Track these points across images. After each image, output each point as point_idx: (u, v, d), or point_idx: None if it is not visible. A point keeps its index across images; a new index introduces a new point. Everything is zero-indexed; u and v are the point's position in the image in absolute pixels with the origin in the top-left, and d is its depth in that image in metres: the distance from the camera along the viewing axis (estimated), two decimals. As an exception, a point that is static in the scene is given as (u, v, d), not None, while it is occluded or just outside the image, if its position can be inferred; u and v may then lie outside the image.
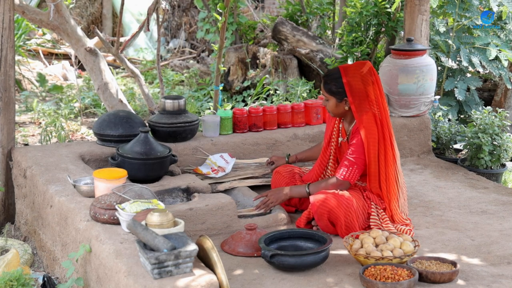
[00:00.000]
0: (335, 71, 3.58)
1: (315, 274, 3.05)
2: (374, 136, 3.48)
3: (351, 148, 3.53)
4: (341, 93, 3.53)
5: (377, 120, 3.51)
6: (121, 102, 6.02)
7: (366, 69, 3.53)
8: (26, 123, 7.06)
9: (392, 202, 3.54)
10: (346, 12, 7.32)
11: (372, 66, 3.57)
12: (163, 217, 2.76)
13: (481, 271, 3.09)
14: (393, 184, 3.54)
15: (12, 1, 4.13)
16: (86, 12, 11.93)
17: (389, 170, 3.52)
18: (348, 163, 3.51)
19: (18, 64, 8.69)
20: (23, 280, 3.16)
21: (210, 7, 8.53)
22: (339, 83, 3.53)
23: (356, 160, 3.50)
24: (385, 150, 3.52)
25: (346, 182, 3.52)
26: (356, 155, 3.50)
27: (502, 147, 4.92)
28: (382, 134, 3.51)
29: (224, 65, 8.12)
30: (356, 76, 3.51)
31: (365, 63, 3.58)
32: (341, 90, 3.53)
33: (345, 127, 3.70)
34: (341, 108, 3.59)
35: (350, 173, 3.51)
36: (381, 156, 3.51)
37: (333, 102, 3.58)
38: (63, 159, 3.99)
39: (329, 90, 3.56)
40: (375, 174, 3.52)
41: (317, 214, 3.45)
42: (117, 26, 9.25)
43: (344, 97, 3.53)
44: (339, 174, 3.52)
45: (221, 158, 4.31)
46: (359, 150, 3.50)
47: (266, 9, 12.51)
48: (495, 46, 5.90)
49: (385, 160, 3.52)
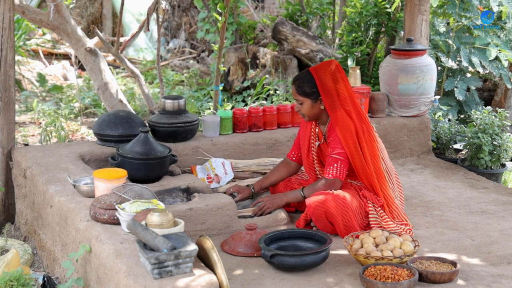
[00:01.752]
0: (305, 73, 3.64)
1: (315, 274, 3.05)
2: (350, 129, 3.54)
3: (330, 146, 3.59)
4: (315, 93, 3.59)
5: (352, 115, 3.56)
6: (121, 102, 6.02)
7: (334, 67, 3.60)
8: (26, 123, 7.06)
9: (385, 192, 3.58)
10: (346, 12, 7.32)
11: (338, 64, 3.66)
12: (163, 217, 2.76)
13: (481, 271, 3.09)
14: (382, 175, 3.58)
15: (12, 1, 4.13)
16: (86, 12, 11.93)
17: (377, 161, 3.58)
18: (331, 160, 3.56)
19: (18, 64, 8.70)
20: (23, 280, 3.16)
21: (210, 7, 8.53)
22: (312, 83, 3.58)
23: (338, 155, 3.55)
24: (368, 143, 3.57)
25: (336, 180, 3.55)
26: (337, 150, 3.55)
27: (502, 147, 4.92)
28: (361, 127, 3.57)
29: (224, 65, 8.12)
30: (326, 75, 3.58)
31: (332, 62, 3.65)
32: (314, 90, 3.58)
33: (321, 129, 3.74)
34: (317, 109, 3.62)
35: (337, 170, 3.55)
36: (364, 150, 3.55)
37: (308, 103, 3.61)
38: (63, 159, 3.99)
39: (303, 93, 3.60)
40: (363, 167, 3.55)
41: (314, 216, 3.46)
42: (117, 26, 9.25)
43: (319, 96, 3.58)
44: (327, 174, 3.57)
45: (221, 165, 4.26)
46: (337, 146, 3.55)
47: (266, 9, 12.51)
48: (495, 46, 5.90)
49: (371, 153, 3.57)
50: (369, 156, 3.56)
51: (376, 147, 3.60)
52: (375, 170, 3.57)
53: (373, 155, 3.57)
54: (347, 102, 3.59)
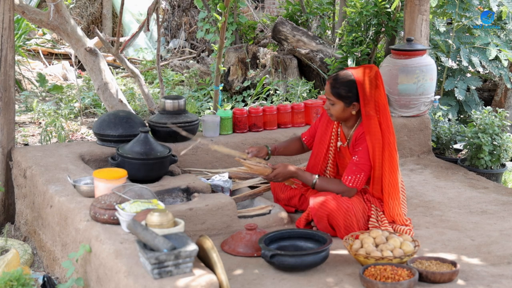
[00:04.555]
0: (345, 75, 3.46)
1: (315, 274, 3.04)
2: (379, 141, 3.43)
3: (358, 155, 3.47)
4: (350, 97, 3.43)
5: (382, 125, 3.44)
6: (121, 102, 6.02)
7: (373, 73, 3.45)
8: (26, 123, 7.06)
9: (395, 207, 3.51)
10: (346, 12, 7.32)
11: (378, 70, 3.49)
12: (163, 217, 2.76)
13: (481, 271, 3.09)
14: (397, 189, 3.51)
15: (12, 1, 4.13)
16: (86, 12, 11.94)
17: (394, 175, 3.48)
18: (356, 170, 3.45)
19: (18, 64, 8.69)
20: (23, 280, 3.15)
21: (210, 7, 8.52)
22: (349, 87, 3.42)
23: (364, 167, 3.45)
24: (390, 156, 3.46)
25: (353, 189, 3.49)
26: (364, 161, 3.45)
27: (502, 147, 4.92)
28: (388, 139, 3.45)
29: (224, 65, 8.12)
30: (366, 80, 3.42)
31: (372, 67, 3.49)
32: (350, 94, 3.42)
33: (344, 131, 3.62)
34: (348, 113, 3.48)
35: (358, 180, 3.46)
36: (385, 162, 3.45)
37: (340, 106, 3.46)
38: (63, 159, 3.99)
39: (337, 94, 3.44)
40: (379, 179, 3.49)
41: (316, 217, 3.44)
42: (117, 26, 9.25)
43: (353, 101, 3.44)
44: (348, 181, 3.47)
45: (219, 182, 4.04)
46: (365, 157, 3.45)
47: (266, 9, 12.51)
48: (495, 46, 5.90)
49: (390, 166, 3.47)
50: (388, 169, 3.46)
51: (396, 161, 3.50)
52: (390, 183, 3.47)
53: (392, 169, 3.47)
54: (380, 111, 3.44)
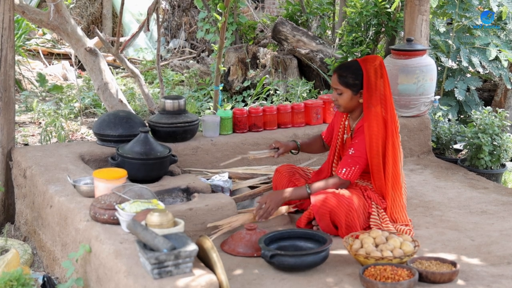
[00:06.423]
0: (353, 63, 3.54)
1: (315, 274, 3.04)
2: (378, 131, 3.46)
3: (354, 146, 3.51)
4: (357, 85, 3.49)
5: (386, 115, 3.48)
6: (121, 102, 6.02)
7: (378, 63, 3.51)
8: (26, 123, 7.06)
9: (397, 198, 3.53)
10: (346, 12, 7.32)
11: (382, 60, 3.55)
12: (163, 217, 2.76)
13: (481, 271, 3.09)
14: (400, 182, 3.53)
15: (12, 1, 4.13)
16: (86, 12, 11.94)
17: (397, 167, 3.51)
18: (351, 162, 3.49)
19: (18, 64, 8.69)
20: (23, 280, 3.15)
21: (210, 7, 8.53)
22: (357, 75, 3.48)
23: (359, 159, 3.48)
24: (393, 146, 3.49)
25: (347, 181, 3.51)
26: (359, 154, 3.48)
27: (502, 147, 4.92)
28: (391, 129, 3.48)
29: (224, 65, 8.12)
30: (371, 69, 3.48)
31: (377, 57, 3.55)
32: (357, 82, 3.48)
33: (350, 123, 3.67)
34: (355, 101, 3.53)
35: (352, 173, 3.49)
36: (388, 152, 3.47)
37: (348, 95, 3.51)
38: (63, 159, 3.99)
39: (344, 83, 3.50)
40: (379, 170, 3.50)
41: (319, 215, 3.44)
42: (117, 26, 9.25)
43: (360, 89, 3.49)
44: (341, 173, 3.50)
45: (219, 182, 4.06)
46: (361, 149, 3.48)
47: (266, 9, 12.51)
48: (495, 46, 5.90)
49: (393, 157, 3.49)
50: (391, 160, 3.48)
51: (399, 152, 3.52)
52: (393, 175, 3.50)
53: (395, 160, 3.50)
54: (384, 100, 3.48)
